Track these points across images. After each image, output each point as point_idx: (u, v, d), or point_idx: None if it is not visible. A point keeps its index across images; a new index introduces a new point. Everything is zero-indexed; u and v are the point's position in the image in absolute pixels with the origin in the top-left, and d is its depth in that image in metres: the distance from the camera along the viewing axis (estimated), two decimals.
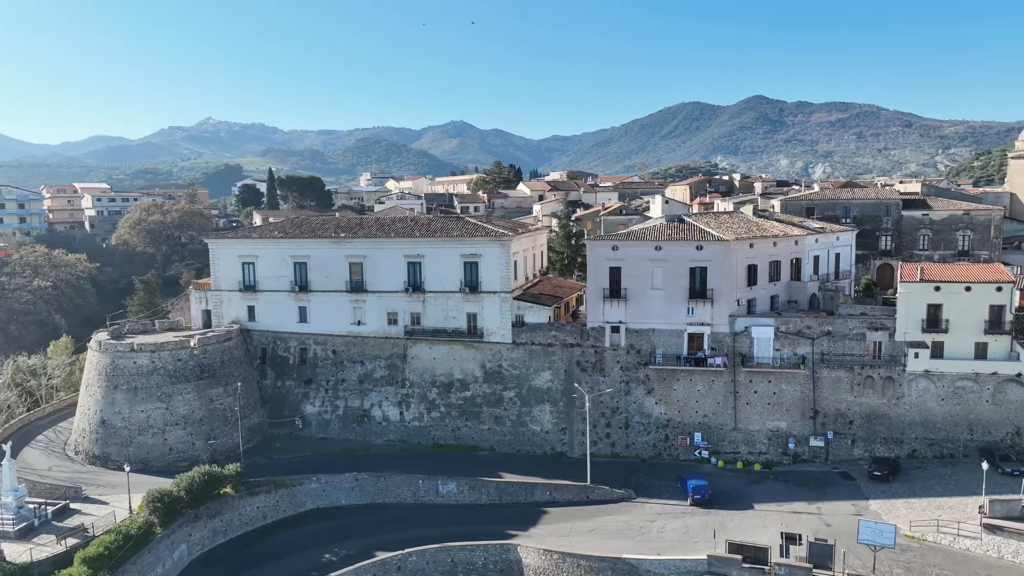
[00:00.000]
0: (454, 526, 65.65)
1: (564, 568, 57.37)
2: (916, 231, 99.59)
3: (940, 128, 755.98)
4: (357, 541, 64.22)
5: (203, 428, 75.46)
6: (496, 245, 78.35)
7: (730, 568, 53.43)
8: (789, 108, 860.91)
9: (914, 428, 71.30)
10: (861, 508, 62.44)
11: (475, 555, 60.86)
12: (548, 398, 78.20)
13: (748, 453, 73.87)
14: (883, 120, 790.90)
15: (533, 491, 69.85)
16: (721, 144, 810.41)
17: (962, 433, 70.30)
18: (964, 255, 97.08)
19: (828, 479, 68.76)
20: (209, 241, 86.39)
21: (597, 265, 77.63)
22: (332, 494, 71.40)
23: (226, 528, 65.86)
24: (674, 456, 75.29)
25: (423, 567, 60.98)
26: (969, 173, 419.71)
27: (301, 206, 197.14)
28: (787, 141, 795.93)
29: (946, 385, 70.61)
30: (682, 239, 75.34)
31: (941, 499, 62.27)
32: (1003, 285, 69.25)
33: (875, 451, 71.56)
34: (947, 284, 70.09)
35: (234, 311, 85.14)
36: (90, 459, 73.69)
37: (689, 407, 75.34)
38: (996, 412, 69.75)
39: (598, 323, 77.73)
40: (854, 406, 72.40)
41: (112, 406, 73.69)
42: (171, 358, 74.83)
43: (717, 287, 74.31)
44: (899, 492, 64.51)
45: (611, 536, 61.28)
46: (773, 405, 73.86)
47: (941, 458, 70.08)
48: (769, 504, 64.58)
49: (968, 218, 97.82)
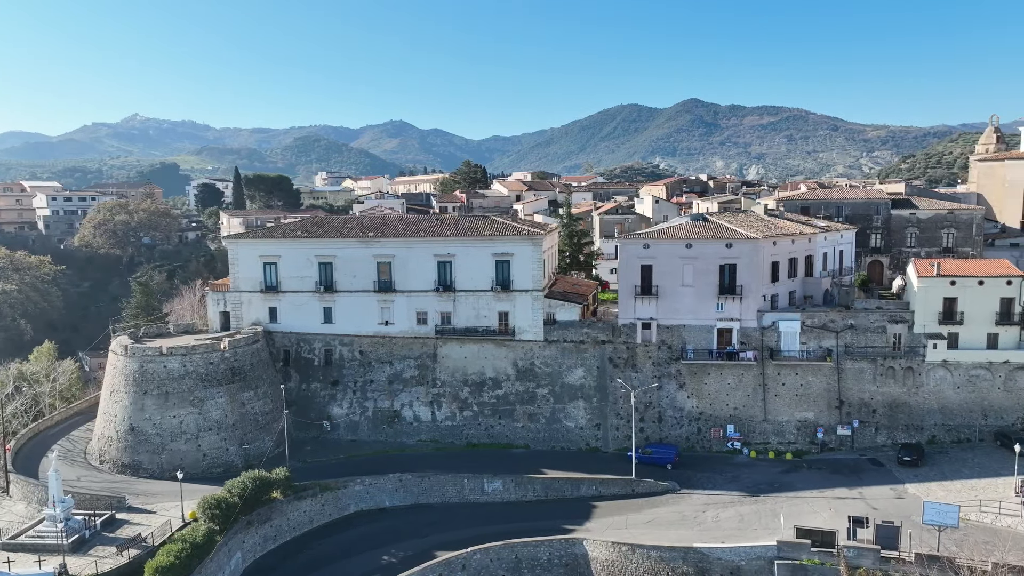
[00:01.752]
0: (505, 523, 65.94)
1: (633, 560, 58.55)
2: (904, 229, 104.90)
3: (864, 132, 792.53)
4: (411, 542, 63.87)
5: (236, 433, 73.53)
6: (528, 244, 79.01)
7: (799, 553, 55.68)
8: (723, 111, 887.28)
9: (933, 415, 75.51)
10: (900, 492, 65.88)
11: (539, 551, 61.38)
12: (582, 394, 79.33)
13: (778, 443, 76.74)
14: (811, 124, 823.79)
15: (579, 486, 70.79)
16: (659, 145, 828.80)
17: (977, 419, 74.88)
18: (949, 252, 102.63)
19: (859, 466, 72.13)
20: (228, 242, 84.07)
21: (629, 263, 79.23)
22: (376, 496, 70.69)
23: (276, 534, 64.52)
24: (707, 448, 77.56)
25: (487, 564, 61.12)
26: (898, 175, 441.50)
27: (269, 206, 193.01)
28: (722, 143, 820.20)
29: (962, 374, 75.07)
30: (712, 237, 77.67)
31: (972, 480, 66.21)
32: (1012, 279, 74.15)
33: (897, 438, 75.45)
34: (962, 279, 74.59)
35: (254, 313, 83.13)
36: (119, 468, 70.81)
37: (720, 400, 77.72)
38: (1008, 398, 74.58)
39: (629, 319, 79.34)
40: (877, 396, 76.15)
41: (142, 412, 71.02)
42: (203, 361, 72.63)
43: (746, 284, 76.92)
44: (930, 476, 68.27)
45: (669, 527, 62.85)
46: (800, 396, 76.95)
47: (959, 443, 74.41)
48: (811, 491, 67.34)
49: (952, 217, 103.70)
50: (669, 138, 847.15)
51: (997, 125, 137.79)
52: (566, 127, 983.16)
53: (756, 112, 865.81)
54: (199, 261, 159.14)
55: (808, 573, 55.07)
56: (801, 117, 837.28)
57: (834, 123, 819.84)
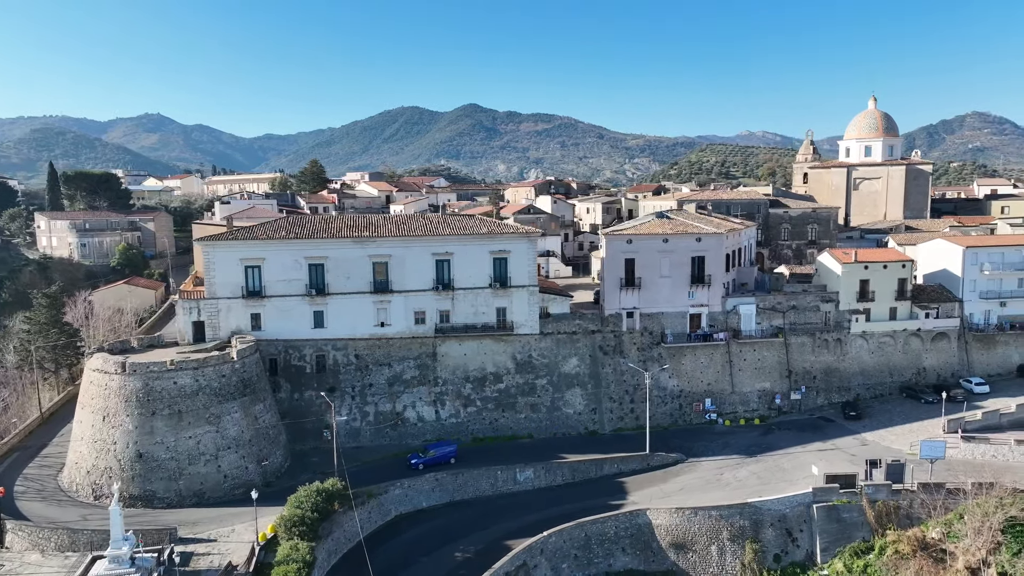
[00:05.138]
0: (549, 508, 68.97)
1: (695, 521, 65.17)
2: (780, 225, 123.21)
3: (625, 141, 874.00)
4: (475, 536, 64.77)
5: (253, 449, 68.13)
6: (525, 241, 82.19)
7: (830, 495, 66.07)
8: (501, 117, 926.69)
9: (856, 377, 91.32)
10: (862, 440, 79.68)
11: (606, 526, 65.62)
12: (577, 382, 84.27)
13: (744, 412, 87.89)
14: (580, 132, 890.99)
15: (602, 466, 75.85)
16: (443, 148, 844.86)
17: (886, 377, 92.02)
18: (813, 244, 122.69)
19: (816, 424, 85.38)
20: (204, 244, 76.49)
21: (614, 257, 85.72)
22: (414, 498, 69.88)
23: (337, 547, 61.64)
24: (688, 421, 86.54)
25: (561, 546, 64.13)
26: (668, 179, 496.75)
27: (93, 207, 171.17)
28: (502, 148, 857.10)
29: (875, 342, 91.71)
30: (685, 232, 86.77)
31: (907, 425, 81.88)
32: (905, 263, 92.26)
33: (832, 399, 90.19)
34: (872, 264, 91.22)
35: (234, 320, 76.87)
36: (127, 501, 62.37)
37: (696, 377, 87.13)
38: (905, 359, 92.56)
39: (615, 310, 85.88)
40: (816, 364, 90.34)
41: (151, 436, 63.23)
42: (215, 374, 66.35)
43: (713, 273, 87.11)
44: (874, 426, 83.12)
45: (703, 490, 70.44)
46: (759, 369, 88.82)
47: (876, 398, 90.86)
48: (795, 447, 78.88)
49: (815, 214, 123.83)
50: (452, 141, 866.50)
51: (812, 139, 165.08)
52: (347, 127, 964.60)
53: (531, 119, 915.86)
54: (31, 271, 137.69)
55: (839, 511, 65.66)
56: (571, 125, 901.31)
57: (600, 131, 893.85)
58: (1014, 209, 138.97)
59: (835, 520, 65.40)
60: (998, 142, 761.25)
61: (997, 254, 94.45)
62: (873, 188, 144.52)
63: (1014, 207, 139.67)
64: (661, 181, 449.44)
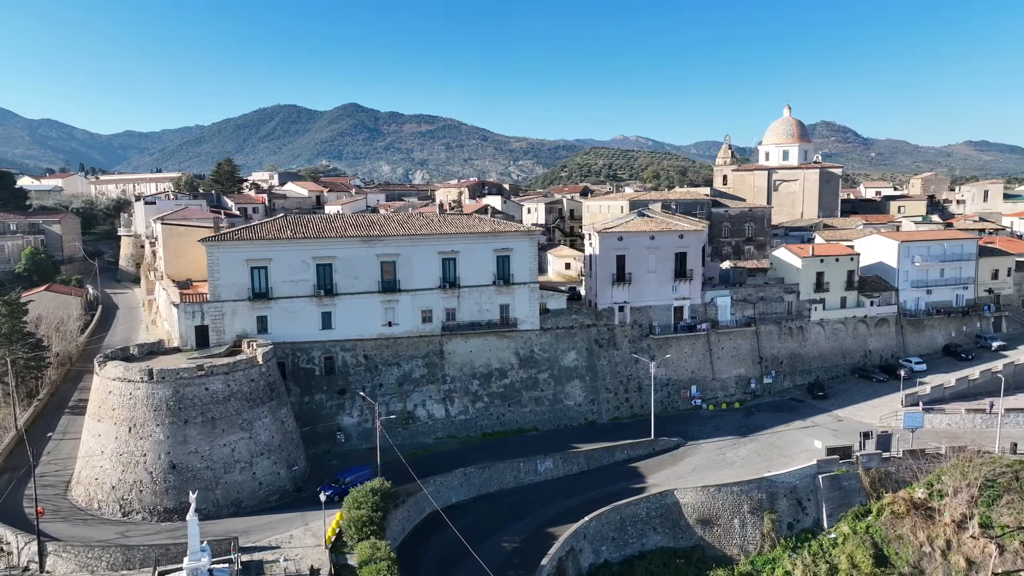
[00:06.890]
0: (577, 495, 71.69)
1: (719, 497, 69.80)
2: (721, 223, 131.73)
3: (509, 143, 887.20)
4: (516, 525, 66.33)
5: (283, 455, 66.09)
6: (527, 239, 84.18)
7: (832, 466, 72.70)
8: (383, 117, 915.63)
9: (815, 361, 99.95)
10: (836, 416, 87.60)
11: (639, 508, 68.94)
12: (576, 375, 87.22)
13: (724, 396, 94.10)
14: (464, 133, 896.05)
15: (613, 453, 79.20)
16: (324, 148, 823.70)
17: (839, 360, 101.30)
18: (750, 241, 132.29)
19: (790, 405, 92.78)
20: (207, 245, 72.86)
21: (606, 254, 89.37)
22: (445, 494, 70.17)
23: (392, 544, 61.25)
24: (676, 408, 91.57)
25: (600, 529, 66.85)
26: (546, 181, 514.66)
27: None
28: (386, 148, 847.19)
29: (829, 328, 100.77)
30: (669, 229, 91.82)
31: (869, 402, 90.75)
32: (853, 256, 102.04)
33: (796, 381, 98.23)
34: (827, 257, 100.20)
35: (240, 324, 73.97)
36: (160, 516, 58.95)
37: (681, 366, 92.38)
38: (854, 343, 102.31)
39: (607, 304, 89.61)
40: (782, 350, 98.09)
41: (184, 445, 60.04)
42: (244, 379, 63.85)
43: (694, 268, 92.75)
44: (841, 404, 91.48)
45: (712, 470, 75.34)
46: (735, 357, 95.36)
47: (833, 379, 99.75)
48: (780, 427, 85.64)
49: (752, 213, 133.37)
50: (333, 141, 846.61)
51: (730, 144, 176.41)
52: (218, 125, 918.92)
53: (414, 120, 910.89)
54: None
55: (840, 480, 72.41)
56: (455, 127, 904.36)
57: (484, 134, 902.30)
58: (909, 208, 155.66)
59: (837, 488, 72.08)
60: (843, 149, 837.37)
61: (924, 247, 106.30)
62: (791, 189, 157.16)
63: (909, 207, 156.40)
64: (552, 183, 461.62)
